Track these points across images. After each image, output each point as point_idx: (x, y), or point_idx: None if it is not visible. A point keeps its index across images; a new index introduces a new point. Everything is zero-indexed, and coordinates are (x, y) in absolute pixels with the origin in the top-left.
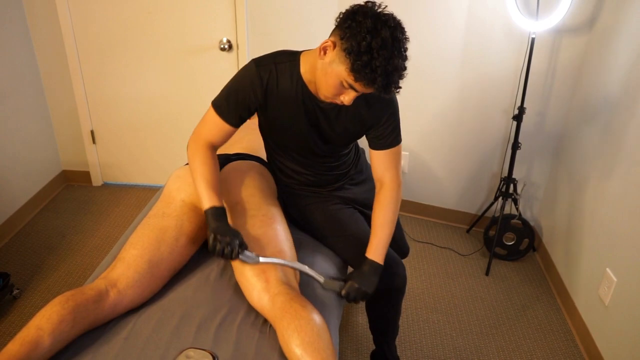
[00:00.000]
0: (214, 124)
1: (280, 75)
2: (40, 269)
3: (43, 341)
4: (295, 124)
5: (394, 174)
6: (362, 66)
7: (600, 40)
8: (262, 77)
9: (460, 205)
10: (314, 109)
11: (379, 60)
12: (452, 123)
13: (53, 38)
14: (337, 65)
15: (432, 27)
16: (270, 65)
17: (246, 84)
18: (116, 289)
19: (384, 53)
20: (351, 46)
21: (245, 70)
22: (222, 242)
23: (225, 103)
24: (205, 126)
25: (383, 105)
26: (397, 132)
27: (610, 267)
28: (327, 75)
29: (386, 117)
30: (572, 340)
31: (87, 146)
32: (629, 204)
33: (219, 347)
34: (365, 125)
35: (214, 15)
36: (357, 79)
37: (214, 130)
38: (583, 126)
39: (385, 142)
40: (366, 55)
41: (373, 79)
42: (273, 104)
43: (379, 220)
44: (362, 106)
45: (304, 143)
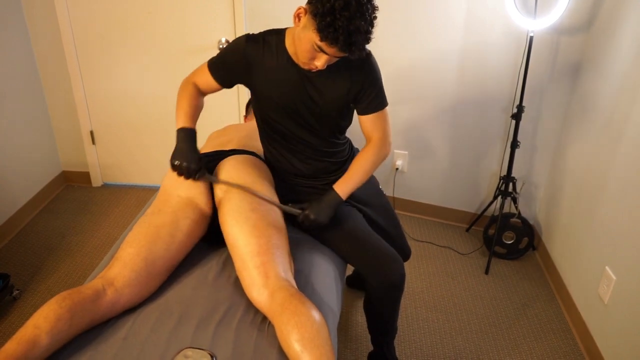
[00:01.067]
0: (205, 76)
1: (268, 49)
2: (40, 270)
3: (40, 340)
4: (284, 94)
5: (381, 133)
6: (325, 26)
7: (599, 38)
8: (246, 50)
9: (459, 204)
10: (300, 78)
11: (341, 21)
12: (451, 122)
13: (52, 38)
14: (308, 29)
15: (431, 26)
16: (258, 40)
17: (234, 52)
18: (113, 288)
19: (346, 14)
20: (317, 8)
21: (236, 41)
22: (181, 167)
23: (215, 63)
24: (198, 75)
25: (363, 73)
26: (380, 97)
27: (609, 266)
28: (301, 41)
29: (367, 83)
30: (572, 339)
31: (87, 147)
32: (628, 202)
33: (217, 346)
34: (351, 93)
35: (213, 16)
36: (321, 38)
37: (203, 80)
38: (582, 124)
39: (371, 107)
40: (329, 15)
41: (335, 37)
42: (261, 76)
43: (356, 162)
44: (345, 75)
45: (295, 116)
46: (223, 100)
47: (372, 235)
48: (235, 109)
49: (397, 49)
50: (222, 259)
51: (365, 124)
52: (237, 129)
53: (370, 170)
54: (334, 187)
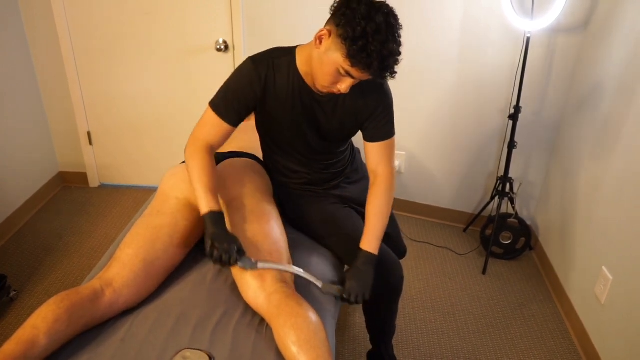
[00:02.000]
0: (213, 125)
1: (277, 70)
2: (38, 271)
3: (39, 340)
4: (292, 118)
5: (387, 165)
6: (357, 51)
7: (595, 39)
8: (260, 73)
9: (456, 204)
10: (311, 102)
11: (374, 45)
12: (448, 122)
13: (49, 39)
14: (333, 52)
15: (428, 27)
16: (267, 61)
17: (245, 82)
18: (112, 289)
19: (379, 37)
20: (346, 32)
21: (243, 68)
22: (220, 249)
23: (223, 102)
24: (204, 128)
25: (378, 98)
26: (391, 124)
27: (606, 266)
28: (324, 64)
29: (381, 108)
30: (569, 339)
31: (84, 147)
32: (625, 202)
33: (215, 347)
34: (361, 117)
35: (211, 16)
36: (353, 64)
37: (212, 131)
38: (579, 125)
39: (380, 134)
40: (361, 40)
41: (369, 63)
42: (271, 99)
43: (372, 211)
44: (358, 99)
45: (301, 138)
46: None
47: None
48: None
49: None
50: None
51: (371, 152)
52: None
53: (388, 213)
54: (362, 248)
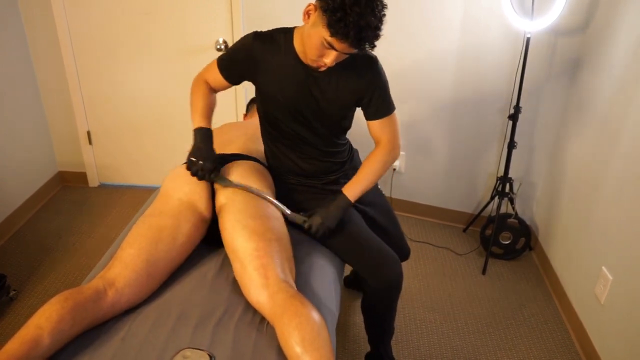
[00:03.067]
0: (214, 74)
1: (276, 47)
2: (37, 270)
3: (42, 340)
4: (288, 93)
5: (390, 135)
6: (335, 21)
7: (595, 39)
8: (254, 47)
9: (456, 204)
10: (306, 78)
11: (352, 16)
12: (448, 123)
13: (49, 38)
14: (317, 25)
15: (428, 28)
16: (267, 37)
17: (242, 49)
18: (114, 288)
19: (356, 9)
20: (327, 4)
21: (244, 39)
22: (197, 165)
23: (224, 61)
24: (208, 72)
25: (371, 78)
26: (388, 101)
27: (606, 266)
28: (310, 37)
29: (374, 88)
30: (569, 339)
31: (84, 147)
32: (625, 202)
33: (216, 346)
34: (355, 94)
35: (210, 16)
36: (332, 34)
37: (212, 78)
38: (578, 125)
39: (379, 112)
40: (340, 11)
41: (346, 33)
42: (267, 74)
43: (365, 165)
44: (352, 77)
45: (298, 116)
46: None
47: (370, 235)
48: (232, 107)
49: (393, 50)
50: (220, 260)
51: (373, 129)
52: (236, 127)
53: (379, 173)
54: (342, 191)
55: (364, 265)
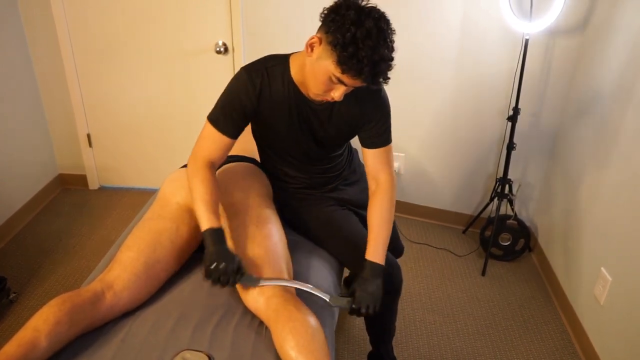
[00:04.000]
0: (212, 139)
1: (272, 79)
2: (37, 273)
3: (40, 342)
4: (288, 126)
5: (388, 172)
6: (348, 58)
7: (593, 40)
8: (254, 82)
9: (456, 206)
10: (306, 110)
11: (365, 51)
12: (448, 124)
13: (49, 41)
14: (324, 60)
15: (427, 30)
16: (261, 70)
17: (240, 92)
18: (112, 291)
19: (369, 43)
20: (336, 39)
21: (237, 78)
22: (218, 270)
23: (221, 115)
24: (204, 143)
25: (375, 106)
26: (388, 132)
27: (605, 267)
28: (316, 72)
29: (379, 117)
30: (568, 340)
31: (84, 149)
32: (623, 203)
33: (215, 348)
34: (358, 124)
35: (210, 19)
36: (344, 70)
37: (212, 145)
38: (577, 126)
39: (379, 141)
40: (351, 46)
41: (360, 69)
42: (266, 108)
43: (376, 220)
44: (353, 106)
45: (297, 146)
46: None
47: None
48: None
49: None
50: None
51: (371, 159)
52: None
53: (391, 221)
54: (368, 259)
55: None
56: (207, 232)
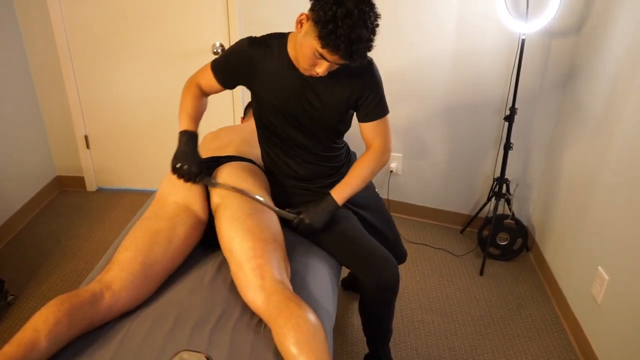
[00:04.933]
0: (208, 78)
1: (269, 52)
2: (35, 275)
3: (40, 343)
4: (283, 98)
5: (382, 140)
6: (327, 34)
7: (589, 40)
8: (249, 53)
9: (453, 206)
10: (301, 83)
11: (343, 29)
12: (445, 124)
13: (46, 42)
14: (309, 35)
15: (424, 29)
16: (261, 43)
17: (235, 56)
18: (111, 291)
19: (348, 22)
20: (319, 16)
21: (239, 43)
22: (181, 169)
23: (220, 66)
24: (201, 76)
25: (365, 80)
26: (382, 104)
27: (602, 266)
28: (303, 47)
29: (369, 90)
30: (566, 339)
31: (81, 151)
32: (620, 202)
33: (213, 348)
34: (351, 98)
35: (207, 20)
36: (323, 45)
37: (206, 82)
38: (574, 126)
39: (373, 114)
40: (331, 23)
41: (337, 45)
42: (262, 80)
43: (354, 170)
44: (346, 80)
45: (293, 120)
46: (218, 101)
47: (367, 237)
48: (229, 110)
49: (390, 52)
50: (217, 262)
51: (365, 131)
52: (232, 131)
53: (368, 177)
54: (330, 193)
55: (360, 267)
56: (182, 133)
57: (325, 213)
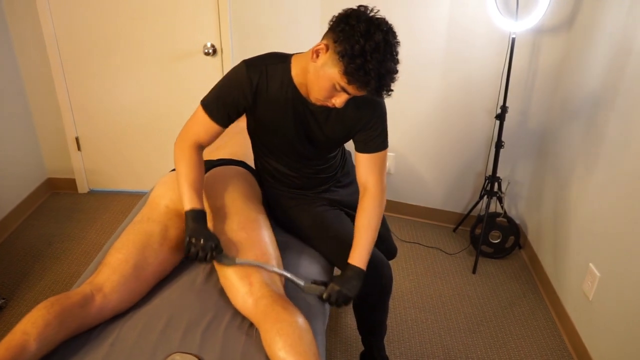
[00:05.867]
0: (203, 124)
1: (271, 77)
2: (27, 278)
3: (29, 346)
4: (284, 126)
5: (378, 178)
6: (355, 69)
7: (579, 39)
8: (252, 78)
9: (446, 204)
10: (304, 111)
11: (372, 63)
12: (437, 124)
13: (35, 43)
14: (330, 68)
15: (415, 29)
16: (261, 66)
17: (236, 85)
18: (102, 294)
19: (377, 56)
20: (345, 49)
21: (236, 71)
22: (197, 245)
23: (214, 103)
24: (194, 126)
25: (371, 109)
26: (383, 136)
27: (593, 263)
28: (320, 78)
29: (374, 120)
30: (558, 336)
31: (72, 153)
32: (610, 199)
33: (205, 351)
34: (354, 128)
35: (198, 21)
36: (350, 81)
37: (202, 130)
38: (565, 123)
39: (372, 146)
40: (360, 58)
41: (367, 81)
42: (263, 105)
43: (362, 225)
44: (351, 109)
45: (292, 145)
46: None
47: None
48: None
49: None
50: (209, 266)
51: (362, 163)
52: (225, 133)
53: (377, 227)
54: (350, 263)
55: None
56: (189, 213)
57: (355, 280)
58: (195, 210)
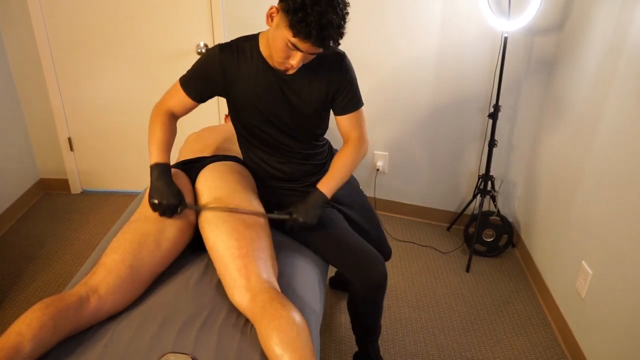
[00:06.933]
0: (178, 97)
1: (242, 55)
2: (19, 279)
3: (23, 347)
4: (262, 99)
5: (359, 132)
6: (297, 21)
7: (571, 38)
8: (222, 60)
9: (440, 203)
10: (277, 81)
11: (313, 15)
12: (430, 123)
13: (27, 43)
14: (281, 27)
15: (408, 30)
16: (232, 46)
17: (207, 66)
18: (97, 295)
19: (317, 8)
20: (288, 5)
21: (209, 53)
22: (161, 205)
23: (190, 80)
24: (170, 97)
25: (340, 74)
26: (358, 96)
27: (585, 260)
28: (275, 40)
29: (345, 84)
30: (551, 333)
31: (65, 154)
32: (602, 197)
33: (200, 350)
34: (328, 92)
35: (191, 20)
36: (294, 34)
37: (177, 101)
38: (556, 122)
39: (348, 106)
40: (301, 11)
41: (308, 32)
42: (238, 84)
43: (337, 161)
44: (322, 77)
45: (274, 120)
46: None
47: (353, 236)
48: (214, 108)
49: (374, 51)
50: (203, 264)
51: (342, 124)
52: (215, 131)
53: (352, 168)
54: (318, 187)
55: (348, 266)
56: (153, 166)
57: (317, 207)
58: (160, 164)
